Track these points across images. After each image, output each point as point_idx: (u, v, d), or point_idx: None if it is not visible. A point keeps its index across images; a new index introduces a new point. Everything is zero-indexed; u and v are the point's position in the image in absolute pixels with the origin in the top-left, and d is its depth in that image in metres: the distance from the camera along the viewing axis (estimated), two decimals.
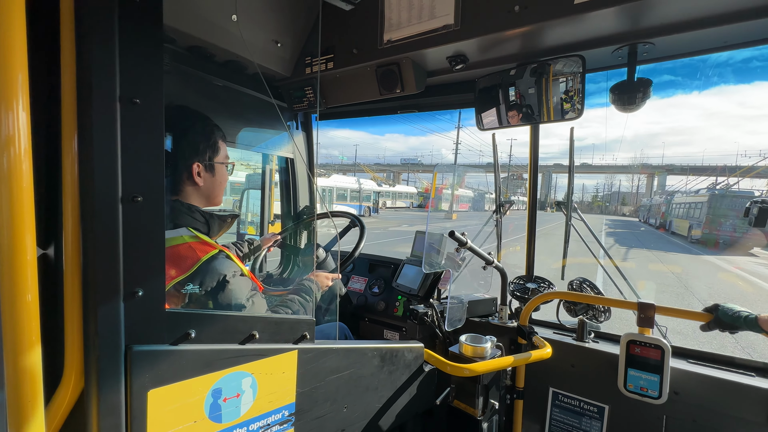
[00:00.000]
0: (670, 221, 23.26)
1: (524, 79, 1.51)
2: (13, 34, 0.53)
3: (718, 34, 1.18)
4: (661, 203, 27.99)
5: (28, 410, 0.57)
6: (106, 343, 0.65)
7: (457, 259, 1.58)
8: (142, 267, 0.68)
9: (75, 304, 0.65)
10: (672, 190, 31.41)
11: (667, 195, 27.90)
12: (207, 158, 1.14)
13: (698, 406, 1.26)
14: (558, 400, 1.55)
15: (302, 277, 1.43)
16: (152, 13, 0.67)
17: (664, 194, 29.71)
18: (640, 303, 1.28)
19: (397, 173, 61.14)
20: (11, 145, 0.53)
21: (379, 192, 34.09)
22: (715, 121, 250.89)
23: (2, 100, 0.53)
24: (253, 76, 1.84)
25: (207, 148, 1.14)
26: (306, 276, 1.43)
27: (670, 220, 23.32)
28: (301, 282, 1.37)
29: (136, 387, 0.68)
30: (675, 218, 22.08)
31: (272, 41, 1.71)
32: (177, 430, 0.74)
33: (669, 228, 23.09)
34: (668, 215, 24.18)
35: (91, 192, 0.63)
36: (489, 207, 1.86)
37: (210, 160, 1.15)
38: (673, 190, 31.49)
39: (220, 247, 1.10)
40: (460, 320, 1.62)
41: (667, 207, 25.29)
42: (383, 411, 1.18)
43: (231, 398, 0.81)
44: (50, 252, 0.70)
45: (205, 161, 1.14)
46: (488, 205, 15.78)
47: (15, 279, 0.55)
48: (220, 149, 1.19)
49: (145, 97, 0.66)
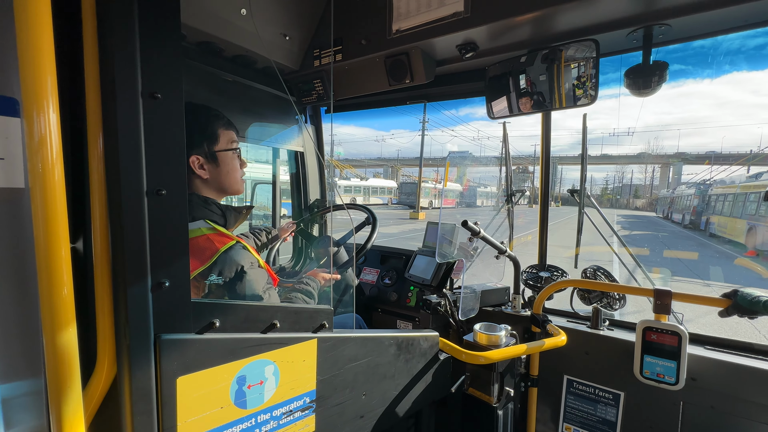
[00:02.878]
0: (706, 219, 17.74)
1: (535, 66, 1.49)
2: (42, 39, 0.54)
3: (737, 12, 1.15)
4: (690, 195, 21.28)
5: (68, 394, 0.59)
6: (136, 332, 0.67)
7: (469, 249, 1.58)
8: (168, 258, 0.70)
9: (105, 295, 0.68)
10: (700, 180, 22.41)
11: (699, 185, 20.68)
12: (205, 149, 1.12)
13: (716, 392, 1.26)
14: (573, 387, 1.55)
15: (302, 276, 1.44)
16: (170, 7, 0.68)
17: (694, 185, 21.98)
18: (657, 289, 1.27)
19: (396, 167, 60.06)
20: (44, 146, 0.55)
21: (343, 187, 29.37)
22: (727, 110, 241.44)
23: (35, 103, 0.54)
24: (262, 70, 1.84)
25: (203, 139, 1.12)
26: (306, 274, 1.44)
27: (706, 217, 17.87)
28: (300, 280, 1.38)
29: (165, 374, 0.70)
30: (716, 215, 16.30)
31: (281, 35, 1.71)
32: (205, 415, 0.76)
33: (706, 228, 17.43)
34: (704, 210, 18.61)
35: (117, 186, 0.65)
36: (483, 203, 1.82)
37: (209, 150, 1.13)
38: (700, 180, 22.58)
39: (237, 239, 1.13)
40: (473, 309, 1.63)
41: (700, 200, 19.38)
42: (400, 398, 1.20)
43: (255, 385, 0.84)
44: (79, 246, 0.72)
45: (204, 152, 1.12)
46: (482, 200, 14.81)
47: (52, 272, 0.57)
48: (219, 138, 1.15)
49: (165, 91, 0.67)
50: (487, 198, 7.40)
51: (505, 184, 1.98)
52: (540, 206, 1.82)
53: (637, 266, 1.69)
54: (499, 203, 1.98)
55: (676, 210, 24.52)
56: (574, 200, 1.76)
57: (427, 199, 32.62)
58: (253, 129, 1.94)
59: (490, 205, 3.78)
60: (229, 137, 1.18)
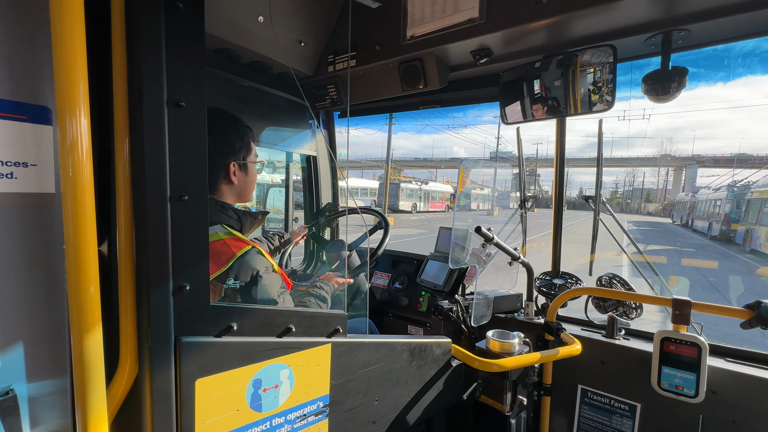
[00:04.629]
0: (745, 231, 14.25)
1: (550, 72, 1.48)
2: (75, 47, 0.56)
3: (758, 18, 1.13)
4: (719, 200, 17.41)
5: (92, 392, 0.61)
6: (157, 334, 0.69)
7: (482, 255, 1.57)
8: (189, 263, 0.72)
9: (129, 297, 0.69)
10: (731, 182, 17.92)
11: (732, 187, 16.84)
12: (241, 158, 1.19)
13: (737, 406, 1.22)
14: (587, 397, 1.52)
15: (316, 279, 1.47)
16: (195, 18, 0.70)
17: (726, 187, 17.62)
18: (676, 299, 1.24)
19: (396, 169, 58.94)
20: (75, 151, 0.57)
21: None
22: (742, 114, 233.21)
23: (67, 109, 0.56)
24: (277, 75, 1.87)
25: (242, 148, 1.19)
26: (319, 278, 1.46)
27: (745, 227, 14.41)
28: (314, 284, 1.41)
29: (185, 376, 0.72)
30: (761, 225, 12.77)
31: (296, 41, 1.74)
32: (222, 417, 0.78)
33: (746, 242, 13.95)
34: (740, 219, 15.19)
35: (142, 192, 0.67)
36: (479, 206, 1.78)
37: (244, 159, 1.20)
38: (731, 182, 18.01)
39: (253, 243, 1.14)
40: (485, 316, 1.62)
41: (733, 206, 15.72)
42: (412, 404, 1.19)
43: (270, 389, 0.84)
44: (104, 249, 0.74)
45: (240, 161, 1.19)
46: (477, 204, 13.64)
47: (80, 273, 0.59)
48: (252, 149, 1.24)
49: (189, 99, 0.69)
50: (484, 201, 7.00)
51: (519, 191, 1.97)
52: (554, 212, 1.80)
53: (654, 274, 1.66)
54: (493, 206, 1.96)
55: (699, 217, 21.08)
56: (585, 205, 1.74)
57: (410, 202, 30.33)
58: (266, 133, 1.97)
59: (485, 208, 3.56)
60: (255, 149, 1.27)
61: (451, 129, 69.54)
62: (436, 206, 33.23)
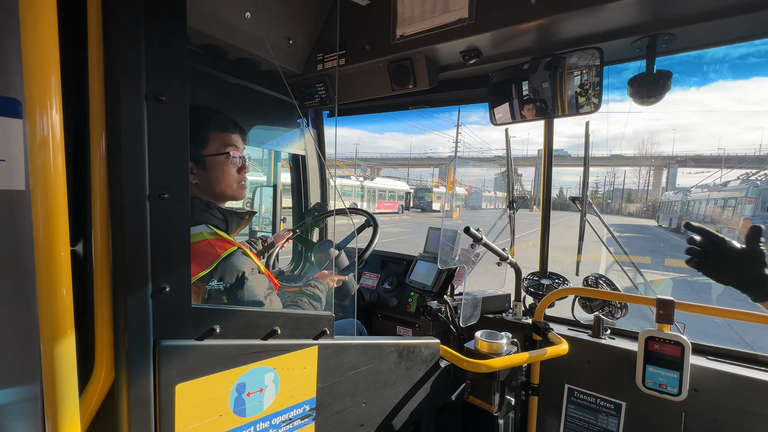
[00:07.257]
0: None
1: (538, 73, 1.50)
2: (46, 37, 0.53)
3: (742, 23, 1.15)
4: (730, 199, 13.72)
5: (64, 400, 0.58)
6: (135, 338, 0.66)
7: (471, 256, 1.57)
8: (169, 263, 0.69)
9: (105, 299, 0.66)
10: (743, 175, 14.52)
11: (752, 183, 12.81)
12: (193, 153, 1.05)
13: (719, 403, 1.25)
14: (574, 396, 1.54)
15: (310, 278, 1.43)
16: (177, 10, 0.67)
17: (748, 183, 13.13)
18: (660, 299, 1.26)
19: (376, 168, 57.43)
20: (46, 148, 0.54)
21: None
22: (714, 117, 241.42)
23: (37, 103, 0.53)
24: (265, 73, 1.84)
25: (194, 140, 1.05)
26: (313, 277, 1.43)
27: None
28: (308, 283, 1.38)
29: (164, 381, 0.69)
30: None
31: (284, 38, 1.71)
32: (203, 423, 0.75)
33: None
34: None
35: (119, 189, 0.64)
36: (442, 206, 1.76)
37: (197, 154, 1.08)
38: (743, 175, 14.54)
39: (239, 244, 1.11)
40: (474, 316, 1.62)
41: (757, 207, 12.05)
42: (400, 406, 1.18)
43: (254, 393, 0.82)
44: (79, 248, 0.71)
45: (192, 156, 1.05)
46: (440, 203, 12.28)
47: (51, 274, 0.56)
48: (209, 141, 1.09)
49: (170, 94, 0.67)
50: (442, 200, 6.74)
51: (507, 191, 1.98)
52: (541, 212, 1.82)
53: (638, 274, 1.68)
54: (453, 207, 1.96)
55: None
56: (565, 206, 1.76)
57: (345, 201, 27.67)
58: (254, 132, 1.94)
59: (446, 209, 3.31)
60: (222, 140, 1.12)
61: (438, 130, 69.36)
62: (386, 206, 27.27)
